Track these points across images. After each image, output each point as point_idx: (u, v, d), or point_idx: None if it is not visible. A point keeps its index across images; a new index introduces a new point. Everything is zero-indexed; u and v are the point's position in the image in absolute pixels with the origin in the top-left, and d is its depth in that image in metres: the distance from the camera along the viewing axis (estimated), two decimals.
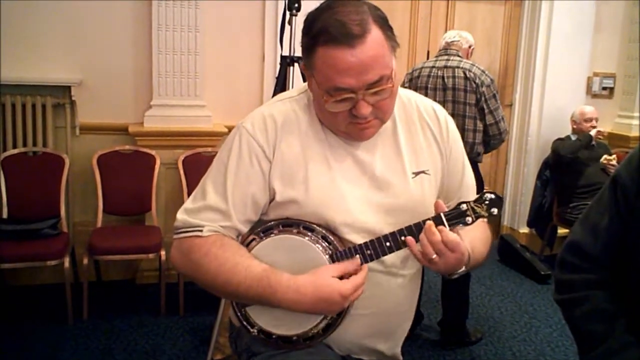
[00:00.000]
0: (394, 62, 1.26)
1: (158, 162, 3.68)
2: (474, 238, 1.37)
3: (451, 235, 1.23)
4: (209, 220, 1.31)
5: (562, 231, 4.53)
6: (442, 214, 1.27)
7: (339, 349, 1.40)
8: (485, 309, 3.74)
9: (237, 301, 1.35)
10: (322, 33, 1.20)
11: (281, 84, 2.94)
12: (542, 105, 4.77)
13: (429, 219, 1.26)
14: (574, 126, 4.46)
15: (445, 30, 4.63)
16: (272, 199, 1.34)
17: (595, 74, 4.96)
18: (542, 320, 3.60)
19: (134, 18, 3.73)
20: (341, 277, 1.25)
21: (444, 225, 1.25)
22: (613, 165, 4.20)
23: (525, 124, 4.85)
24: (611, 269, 1.29)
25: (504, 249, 4.59)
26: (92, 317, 3.31)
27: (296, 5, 2.85)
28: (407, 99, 1.44)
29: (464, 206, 1.28)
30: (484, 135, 3.12)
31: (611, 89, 5.05)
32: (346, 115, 1.26)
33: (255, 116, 1.36)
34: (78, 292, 3.31)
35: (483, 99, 3.04)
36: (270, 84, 3.82)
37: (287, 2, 2.87)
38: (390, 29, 1.25)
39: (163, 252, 3.35)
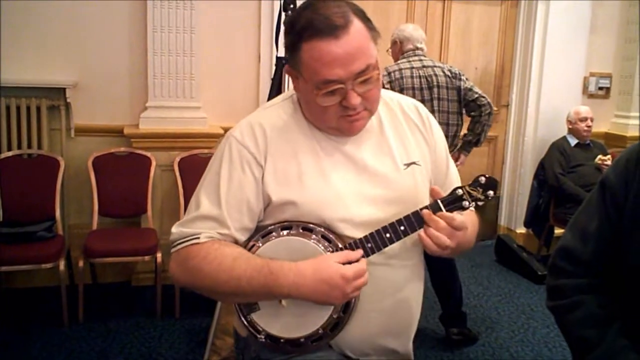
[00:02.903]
0: (376, 52, 1.29)
1: (154, 164, 3.66)
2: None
3: (455, 216, 1.28)
4: (205, 228, 1.31)
5: (559, 231, 4.53)
6: (439, 200, 1.30)
7: (352, 351, 1.39)
8: (483, 310, 3.73)
9: (240, 301, 1.33)
10: (306, 28, 1.22)
11: (277, 85, 2.93)
12: (539, 106, 4.77)
13: (426, 207, 1.29)
14: (570, 126, 4.47)
15: (442, 32, 4.66)
16: (267, 205, 1.35)
17: (592, 74, 4.97)
18: (539, 321, 3.59)
19: (129, 19, 3.72)
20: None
21: (442, 211, 1.28)
22: (607, 165, 4.21)
23: (522, 124, 4.86)
24: (602, 272, 1.28)
25: (501, 249, 4.59)
26: (88, 319, 3.30)
27: (292, 5, 2.84)
28: (389, 98, 1.49)
29: (460, 191, 1.31)
30: (474, 121, 3.37)
31: (607, 89, 5.05)
32: (336, 108, 1.28)
33: (242, 125, 1.39)
34: (74, 294, 3.30)
35: (466, 86, 3.29)
36: (266, 85, 3.81)
37: (282, 2, 2.87)
38: (369, 20, 1.28)
39: (159, 254, 3.33)
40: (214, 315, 2.74)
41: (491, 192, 1.32)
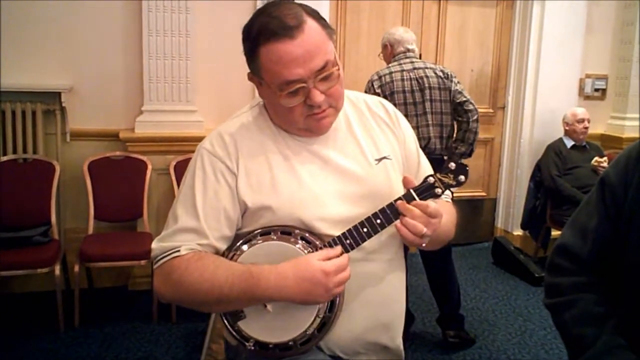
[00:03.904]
0: (334, 48, 1.31)
1: (149, 167, 3.66)
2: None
3: (429, 203, 1.30)
4: (184, 241, 1.32)
5: (555, 233, 4.52)
6: (411, 190, 1.32)
7: (343, 350, 1.40)
8: (480, 312, 3.73)
9: (226, 309, 1.33)
10: (261, 32, 1.24)
11: None
12: (535, 108, 4.77)
13: (399, 198, 1.31)
14: (566, 128, 4.47)
15: (438, 33, 4.66)
16: (244, 212, 1.36)
17: (588, 76, 4.97)
18: (536, 323, 3.59)
19: (124, 23, 3.72)
20: None
21: (416, 200, 1.31)
22: (604, 167, 4.21)
23: (518, 126, 4.85)
24: (600, 270, 1.28)
25: (498, 251, 4.59)
26: (84, 324, 3.29)
27: None
28: (354, 97, 1.51)
29: (431, 179, 1.34)
30: (463, 129, 3.29)
31: (603, 91, 5.06)
32: (302, 108, 1.29)
33: (212, 136, 1.41)
34: (69, 299, 3.29)
35: (457, 89, 3.26)
36: None
37: None
38: (323, 19, 1.30)
39: None
40: (210, 319, 2.73)
41: (462, 177, 1.34)
